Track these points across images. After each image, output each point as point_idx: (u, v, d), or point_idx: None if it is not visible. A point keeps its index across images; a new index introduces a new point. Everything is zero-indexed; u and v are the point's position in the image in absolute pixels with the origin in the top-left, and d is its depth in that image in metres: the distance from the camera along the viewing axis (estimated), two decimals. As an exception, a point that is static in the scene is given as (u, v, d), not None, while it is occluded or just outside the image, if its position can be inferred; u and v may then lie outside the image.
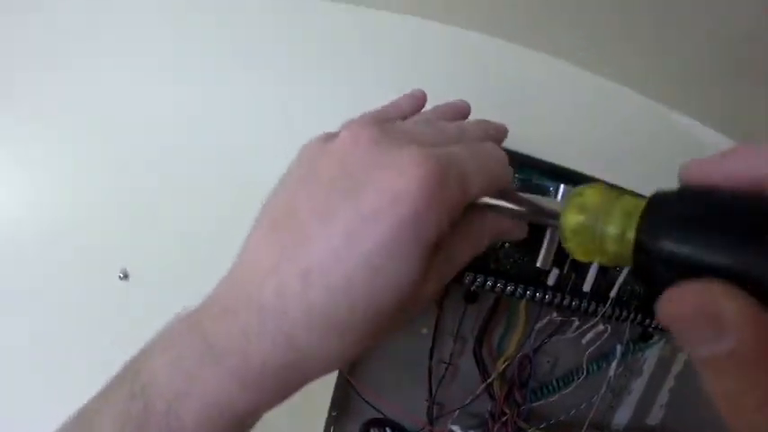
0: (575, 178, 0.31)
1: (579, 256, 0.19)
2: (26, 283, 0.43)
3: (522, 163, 0.31)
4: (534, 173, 0.31)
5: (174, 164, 0.41)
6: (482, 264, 0.32)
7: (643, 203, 0.17)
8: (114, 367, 0.31)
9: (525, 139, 0.32)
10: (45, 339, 0.42)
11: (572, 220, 0.18)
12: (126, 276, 0.44)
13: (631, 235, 0.16)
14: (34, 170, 0.44)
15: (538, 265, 0.31)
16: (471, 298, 0.33)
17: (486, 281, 0.32)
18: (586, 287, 0.33)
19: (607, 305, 0.33)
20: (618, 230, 0.17)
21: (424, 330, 0.34)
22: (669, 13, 0.32)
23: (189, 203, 0.41)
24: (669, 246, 0.15)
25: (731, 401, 0.12)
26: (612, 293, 0.33)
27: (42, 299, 0.43)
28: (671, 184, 0.31)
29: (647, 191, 0.29)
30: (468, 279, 0.31)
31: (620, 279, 0.33)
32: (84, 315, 0.42)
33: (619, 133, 0.34)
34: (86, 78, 0.42)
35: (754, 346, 0.12)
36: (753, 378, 0.12)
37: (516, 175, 0.31)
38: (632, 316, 0.34)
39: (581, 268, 0.32)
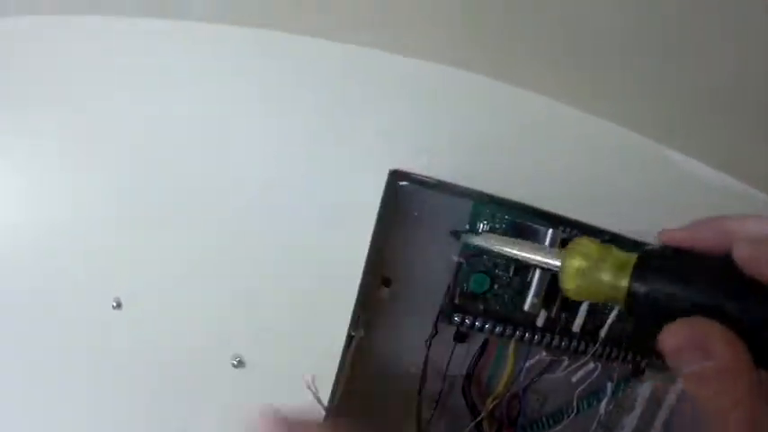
0: (564, 222, 0.31)
1: (573, 295, 0.23)
2: (20, 308, 0.44)
3: (511, 205, 0.31)
4: (523, 215, 0.31)
5: (172, 191, 0.41)
6: (471, 305, 0.32)
7: (634, 258, 0.20)
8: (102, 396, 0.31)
9: (515, 180, 0.33)
10: (34, 366, 0.42)
11: (576, 264, 0.22)
12: (119, 306, 0.44)
13: (625, 283, 0.20)
14: (28, 192, 0.44)
15: (525, 308, 0.31)
16: (460, 338, 0.33)
17: (474, 322, 0.32)
18: (576, 328, 0.33)
19: (597, 344, 0.33)
20: (612, 278, 0.21)
21: (413, 369, 0.34)
22: (666, 51, 0.32)
23: (186, 234, 0.41)
24: (655, 293, 0.19)
25: (714, 405, 0.17)
26: (602, 333, 0.33)
27: (34, 325, 0.43)
28: (665, 220, 0.31)
29: (642, 229, 0.29)
30: (457, 319, 0.32)
31: (610, 319, 0.33)
32: (76, 343, 0.43)
33: (612, 172, 0.34)
34: (89, 97, 0.42)
35: (731, 362, 0.17)
36: (731, 384, 0.17)
37: (505, 217, 0.31)
38: (622, 354, 0.34)
39: (570, 309, 0.32)
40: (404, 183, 0.31)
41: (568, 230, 0.31)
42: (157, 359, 0.41)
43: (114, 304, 0.43)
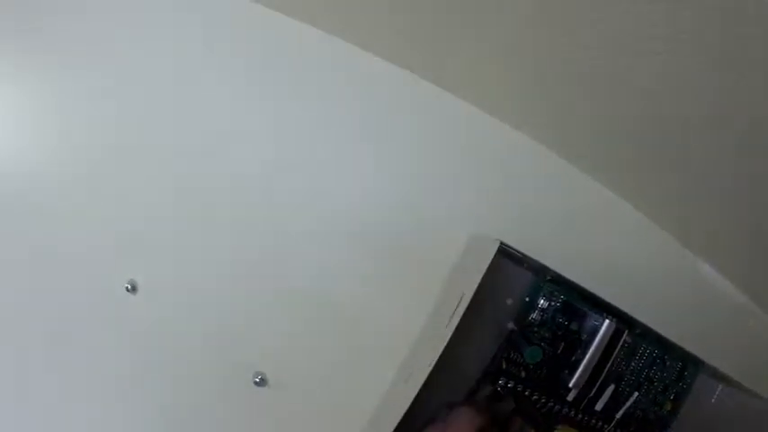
0: (617, 315, 0.34)
1: None
2: (32, 290, 0.41)
3: (570, 287, 0.34)
4: (579, 299, 0.34)
5: (191, 175, 0.40)
6: (515, 371, 0.34)
7: None
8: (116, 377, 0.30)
9: (573, 266, 0.35)
10: (44, 349, 0.40)
11: None
12: (134, 289, 0.42)
13: None
14: (46, 173, 0.42)
15: (570, 385, 0.33)
16: (497, 398, 0.35)
17: (516, 386, 0.34)
18: (599, 406, 0.36)
19: (611, 424, 0.36)
20: None
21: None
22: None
23: (203, 218, 0.40)
24: None
25: None
26: (618, 415, 0.36)
27: (46, 305, 0.41)
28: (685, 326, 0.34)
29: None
30: (501, 382, 0.34)
31: (628, 404, 0.36)
32: (89, 324, 0.41)
33: (655, 280, 0.37)
34: (120, 71, 0.41)
35: None
36: None
37: (561, 297, 0.34)
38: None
39: (599, 389, 0.35)
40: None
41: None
42: (168, 353, 0.39)
43: (128, 287, 0.42)
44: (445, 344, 0.29)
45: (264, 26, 0.38)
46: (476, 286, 0.28)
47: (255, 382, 0.38)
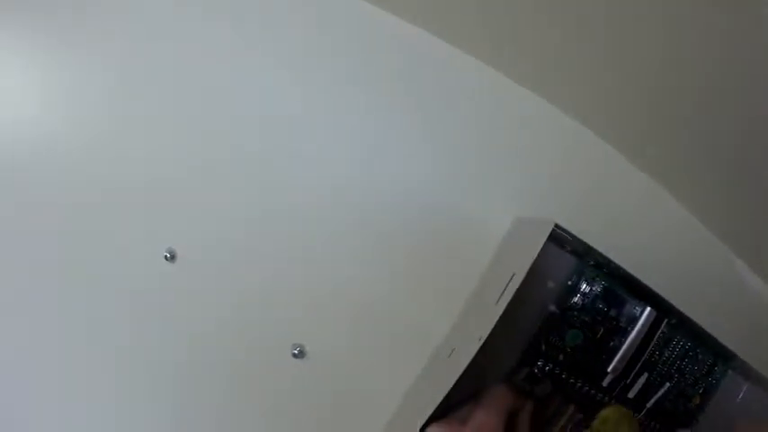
0: (658, 303, 0.35)
1: None
2: (71, 257, 0.42)
3: (612, 273, 0.34)
4: (618, 286, 0.35)
5: (226, 148, 0.41)
6: (554, 353, 0.35)
7: None
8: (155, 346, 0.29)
9: (617, 253, 0.36)
10: (84, 315, 0.41)
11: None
12: (173, 257, 0.43)
13: None
14: (89, 139, 0.43)
15: (609, 370, 0.34)
16: (534, 380, 0.36)
17: (554, 369, 0.34)
18: (631, 394, 0.36)
19: (642, 413, 0.37)
20: None
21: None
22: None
23: (240, 188, 0.41)
24: None
25: None
26: (649, 404, 0.37)
27: (84, 275, 0.41)
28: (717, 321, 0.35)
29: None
30: (540, 364, 0.34)
31: (660, 393, 0.37)
32: (130, 294, 0.41)
33: (686, 265, 0.38)
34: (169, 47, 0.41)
35: None
36: None
37: (603, 282, 0.35)
38: (658, 426, 0.38)
39: (634, 377, 0.36)
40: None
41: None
42: (206, 324, 0.40)
43: (168, 255, 0.42)
44: (496, 320, 0.29)
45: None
46: (529, 265, 0.29)
47: (294, 354, 0.39)
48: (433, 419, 0.31)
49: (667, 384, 0.37)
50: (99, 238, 0.42)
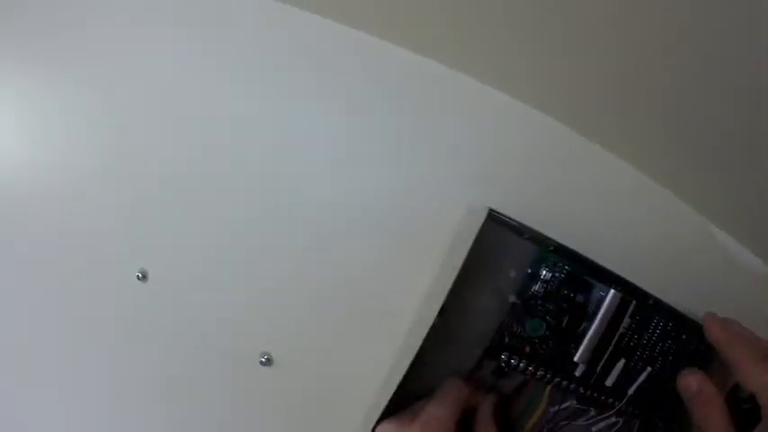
0: (622, 284, 0.33)
1: None
2: (41, 277, 0.42)
3: (574, 257, 0.33)
4: (583, 269, 0.33)
5: (199, 163, 0.40)
6: (519, 346, 0.33)
7: None
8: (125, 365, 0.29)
9: (579, 235, 0.34)
10: (57, 337, 0.41)
11: None
12: (144, 277, 0.43)
13: None
14: (56, 154, 0.43)
15: (575, 359, 0.32)
16: (501, 374, 0.35)
17: (519, 363, 0.33)
18: (609, 382, 0.34)
19: (623, 401, 0.35)
20: None
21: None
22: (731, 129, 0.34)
23: (212, 205, 0.40)
24: None
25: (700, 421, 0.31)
26: (630, 391, 0.35)
27: (57, 296, 0.42)
28: (698, 295, 0.33)
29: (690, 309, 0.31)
30: (504, 358, 0.33)
31: (640, 379, 0.35)
32: (100, 314, 0.42)
33: (658, 239, 0.36)
34: (126, 66, 0.41)
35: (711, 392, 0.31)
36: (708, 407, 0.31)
37: (566, 268, 0.33)
38: (643, 413, 0.36)
39: (608, 364, 0.34)
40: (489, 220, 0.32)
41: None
42: (178, 339, 0.40)
43: (139, 275, 0.42)
44: (434, 318, 0.28)
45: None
46: (463, 257, 0.28)
47: (261, 362, 0.39)
48: (385, 416, 0.30)
49: (648, 369, 0.35)
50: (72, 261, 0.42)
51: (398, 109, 0.36)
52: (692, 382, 0.33)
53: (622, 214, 0.35)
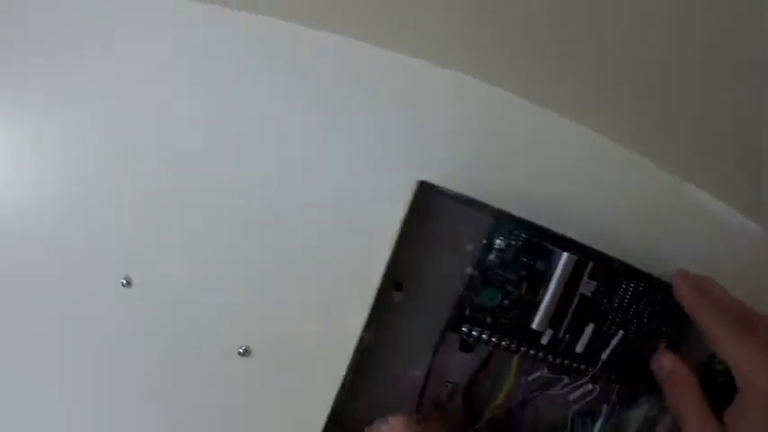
0: (580, 249, 0.32)
1: None
2: (23, 283, 0.44)
3: (527, 226, 0.32)
4: (540, 235, 0.32)
5: (183, 169, 0.41)
6: (480, 317, 0.33)
7: None
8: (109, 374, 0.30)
9: (531, 200, 0.33)
10: (40, 344, 0.43)
11: None
12: (129, 284, 0.44)
13: None
14: (39, 165, 0.44)
15: (533, 326, 0.32)
16: (466, 348, 0.34)
17: (481, 334, 0.33)
18: (579, 348, 0.34)
19: (597, 367, 0.34)
20: None
21: (417, 373, 0.35)
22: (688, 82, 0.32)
23: (197, 211, 0.41)
24: None
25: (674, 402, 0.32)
26: (604, 356, 0.34)
27: (40, 302, 0.43)
28: (674, 256, 0.32)
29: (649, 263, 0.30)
30: (465, 330, 0.33)
31: (613, 343, 0.34)
32: (84, 322, 0.43)
33: (628, 203, 0.35)
34: (101, 75, 0.42)
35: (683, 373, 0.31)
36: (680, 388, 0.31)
37: (522, 235, 0.32)
38: (621, 378, 0.35)
39: (576, 330, 0.33)
40: (430, 194, 0.32)
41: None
42: (163, 341, 0.41)
43: (124, 282, 0.44)
44: (373, 298, 0.28)
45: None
46: (396, 233, 0.27)
47: (239, 353, 0.39)
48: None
49: (621, 333, 0.34)
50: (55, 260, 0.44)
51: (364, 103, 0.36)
52: (665, 363, 0.33)
53: (588, 180, 0.34)
